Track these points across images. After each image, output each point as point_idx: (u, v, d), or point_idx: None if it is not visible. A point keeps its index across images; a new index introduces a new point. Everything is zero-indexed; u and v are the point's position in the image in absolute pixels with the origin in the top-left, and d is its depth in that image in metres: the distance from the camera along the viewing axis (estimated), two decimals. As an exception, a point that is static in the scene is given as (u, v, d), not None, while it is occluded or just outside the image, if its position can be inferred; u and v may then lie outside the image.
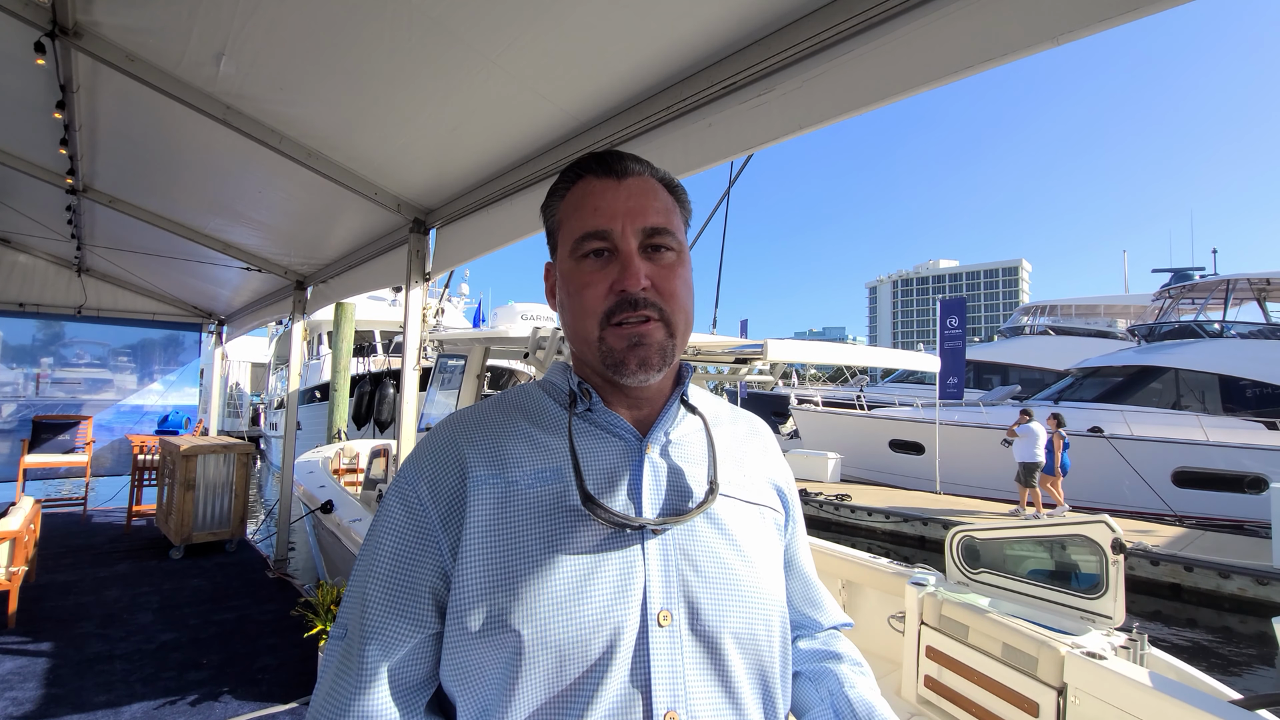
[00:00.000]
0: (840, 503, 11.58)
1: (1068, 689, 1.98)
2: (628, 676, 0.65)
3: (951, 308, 13.17)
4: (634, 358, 0.72)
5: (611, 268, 0.73)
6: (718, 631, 0.69)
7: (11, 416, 7.46)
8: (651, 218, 0.75)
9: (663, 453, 0.77)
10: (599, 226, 0.74)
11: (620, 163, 0.77)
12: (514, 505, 0.70)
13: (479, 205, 2.98)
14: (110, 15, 2.30)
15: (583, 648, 0.64)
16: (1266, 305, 15.28)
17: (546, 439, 0.76)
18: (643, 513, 0.71)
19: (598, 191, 0.76)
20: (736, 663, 0.70)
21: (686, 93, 1.88)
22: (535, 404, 0.81)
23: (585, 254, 0.75)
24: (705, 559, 0.71)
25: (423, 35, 1.96)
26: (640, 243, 0.74)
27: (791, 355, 4.05)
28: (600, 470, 0.74)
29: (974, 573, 2.62)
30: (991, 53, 1.19)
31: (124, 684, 3.32)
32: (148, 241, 5.33)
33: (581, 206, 0.76)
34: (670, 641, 0.67)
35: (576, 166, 0.80)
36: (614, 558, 0.68)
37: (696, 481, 0.76)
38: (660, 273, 0.74)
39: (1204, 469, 11.33)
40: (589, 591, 0.66)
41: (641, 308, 0.72)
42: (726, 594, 0.71)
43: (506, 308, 18.95)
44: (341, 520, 4.92)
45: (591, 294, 0.73)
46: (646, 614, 0.67)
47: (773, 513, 0.83)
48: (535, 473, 0.72)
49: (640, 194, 0.76)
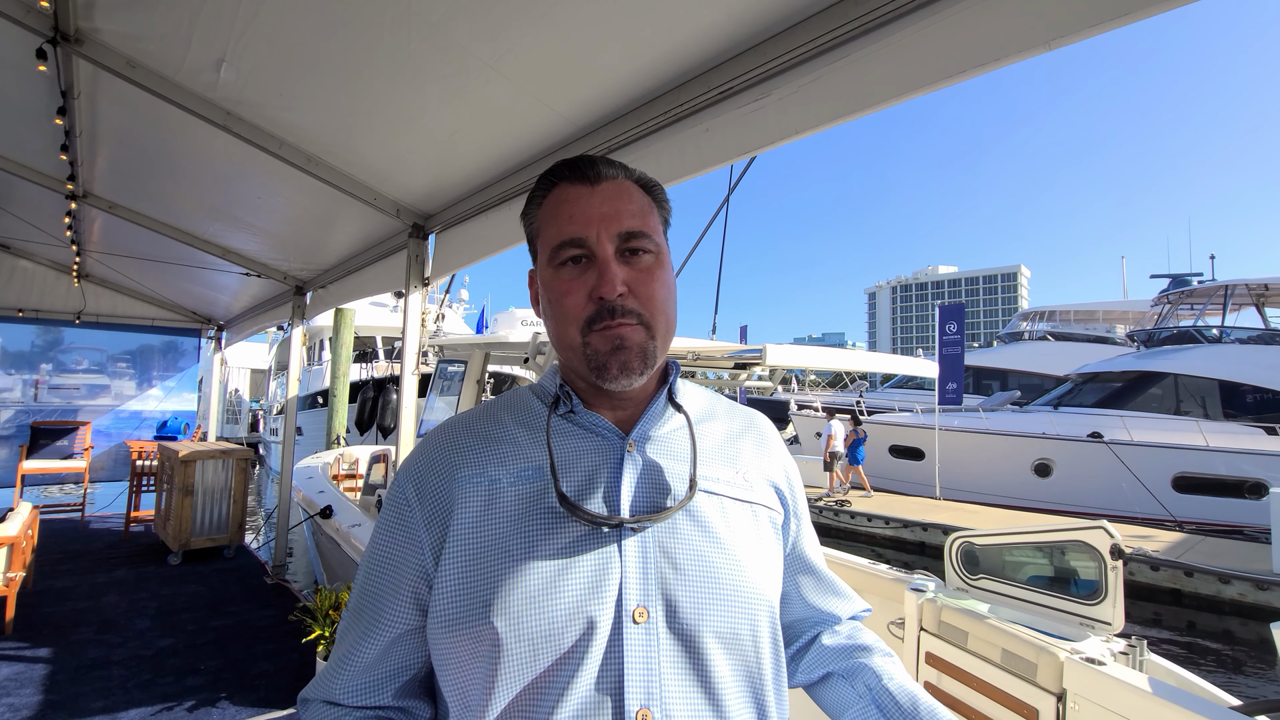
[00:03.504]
0: (840, 508, 11.58)
1: (1067, 695, 1.97)
2: (599, 672, 0.65)
3: (950, 313, 13.18)
4: (615, 362, 0.72)
5: (589, 274, 0.74)
6: (697, 630, 0.69)
7: (10, 422, 7.45)
8: (626, 221, 0.75)
9: (645, 451, 0.78)
10: (574, 234, 0.74)
11: (593, 168, 0.77)
12: (496, 504, 0.72)
13: (478, 210, 2.99)
14: (111, 22, 2.32)
15: (554, 641, 0.65)
16: (1265, 311, 15.31)
17: (529, 439, 0.77)
18: (621, 511, 0.72)
19: (572, 198, 0.76)
20: (719, 663, 0.69)
21: (684, 98, 1.89)
22: (523, 405, 0.82)
23: (563, 262, 0.75)
24: (686, 556, 0.71)
25: (421, 41, 1.97)
26: (617, 247, 0.74)
27: (790, 360, 4.05)
28: (580, 469, 0.74)
29: (973, 579, 2.61)
30: (984, 58, 1.21)
31: (121, 690, 3.31)
32: (147, 247, 5.35)
33: (557, 214, 0.77)
34: (646, 639, 0.67)
35: (550, 174, 0.80)
36: (588, 554, 0.69)
37: (679, 479, 0.76)
38: (638, 276, 0.74)
39: (1204, 474, 11.32)
40: (561, 587, 0.67)
41: (620, 314, 0.72)
42: (707, 592, 0.70)
43: (506, 313, 18.97)
44: (340, 526, 4.91)
45: (571, 302, 0.74)
46: (621, 610, 0.67)
47: (768, 511, 0.82)
48: (517, 471, 0.74)
49: (614, 198, 0.76)
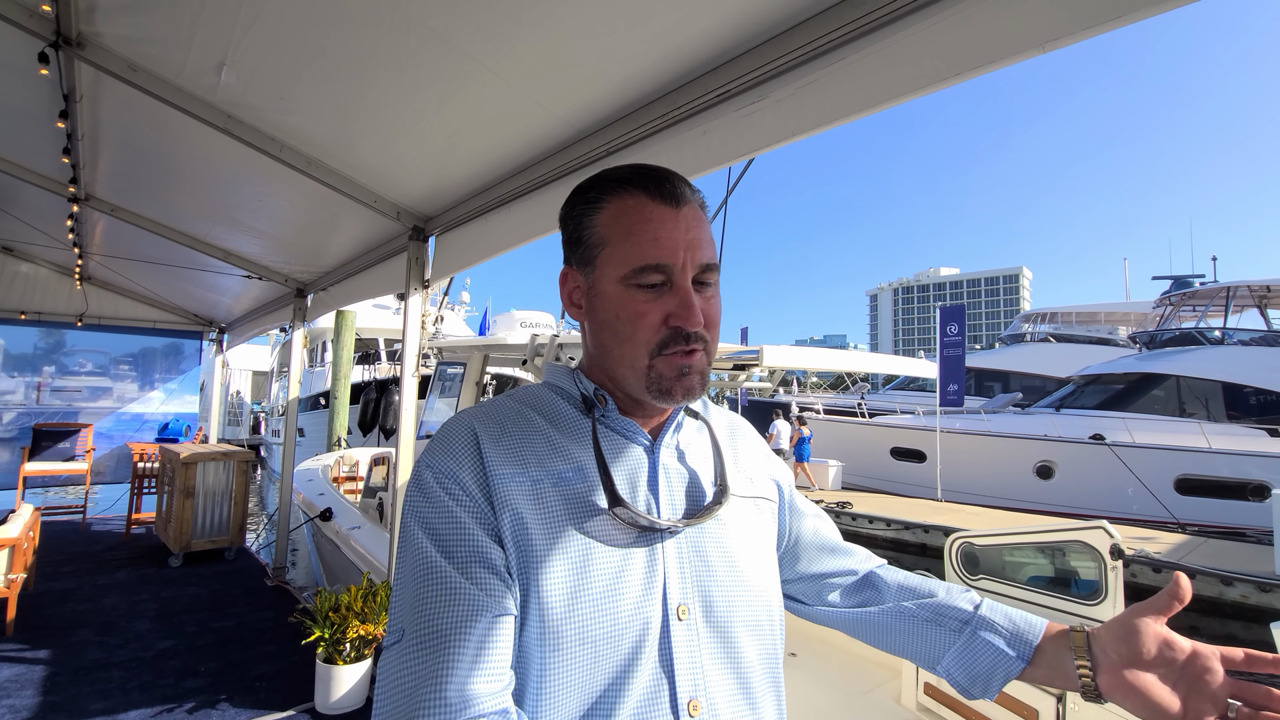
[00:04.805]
0: (841, 510, 11.56)
1: (1066, 695, 1.98)
2: (655, 668, 0.69)
3: (951, 314, 13.16)
4: (680, 387, 0.74)
5: (666, 299, 0.73)
6: (729, 622, 0.74)
7: (12, 424, 7.47)
8: (706, 253, 0.75)
9: (674, 456, 0.81)
10: (661, 260, 0.72)
11: (677, 188, 0.75)
12: (543, 504, 0.70)
13: (477, 212, 3.00)
14: (113, 26, 2.33)
15: (615, 643, 0.67)
16: (1267, 312, 15.28)
17: (565, 440, 0.76)
18: (660, 514, 0.75)
19: (657, 219, 0.73)
20: (748, 650, 0.74)
21: (681, 100, 1.90)
22: (550, 405, 0.81)
23: (642, 284, 0.73)
24: (715, 555, 0.76)
25: (421, 44, 1.98)
26: (693, 277, 0.74)
27: (787, 361, 4.06)
28: (620, 473, 0.76)
29: (973, 579, 2.61)
30: (979, 60, 1.21)
31: (121, 692, 3.31)
32: (149, 250, 5.36)
33: (638, 233, 0.73)
34: (689, 634, 0.71)
35: (623, 180, 0.76)
36: (639, 557, 0.71)
37: (705, 482, 0.80)
38: (707, 305, 0.75)
39: (1206, 476, 11.28)
40: (621, 590, 0.69)
41: (694, 341, 0.73)
42: (735, 587, 0.75)
43: (506, 315, 18.99)
44: (340, 528, 4.92)
45: (645, 324, 0.73)
46: (667, 609, 0.71)
47: (768, 503, 0.87)
48: (558, 473, 0.73)
49: (695, 225, 0.75)
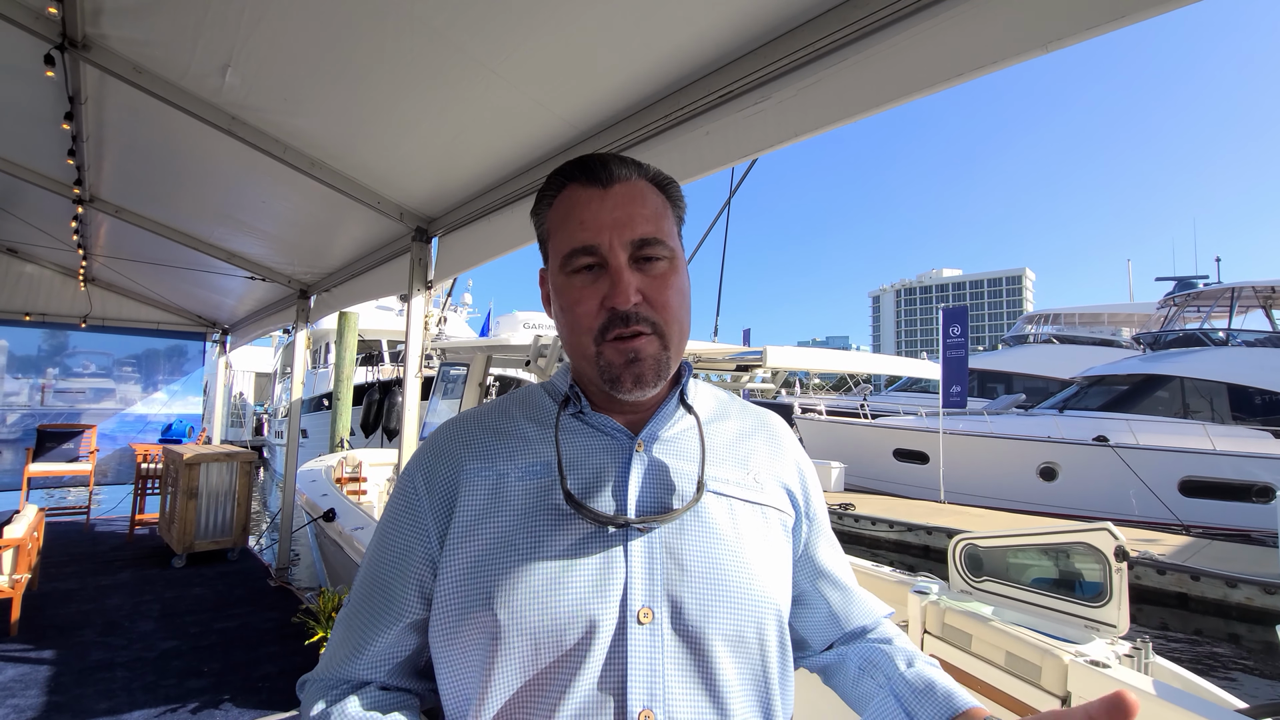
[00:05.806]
0: (844, 512, 11.53)
1: (1071, 698, 1.96)
2: (601, 672, 0.64)
3: (954, 316, 13.13)
4: (629, 375, 0.71)
5: (602, 282, 0.71)
6: (702, 632, 0.68)
7: (16, 425, 7.49)
8: (640, 227, 0.72)
9: (654, 451, 0.77)
10: (586, 242, 0.71)
11: (605, 168, 0.74)
12: (503, 498, 0.71)
13: (480, 214, 3.00)
14: (118, 28, 2.34)
15: (557, 638, 0.65)
16: (1272, 313, 15.21)
17: (539, 435, 0.76)
18: (628, 511, 0.71)
19: (583, 202, 0.73)
20: (725, 666, 0.68)
21: (684, 101, 1.90)
22: (534, 402, 0.82)
23: (575, 269, 0.73)
24: (693, 557, 0.70)
25: (424, 45, 1.98)
26: (630, 255, 0.72)
27: (790, 362, 4.05)
28: (587, 468, 0.74)
29: (977, 581, 2.60)
30: (982, 61, 1.21)
31: (125, 692, 3.32)
32: (153, 251, 5.38)
33: (568, 219, 0.74)
34: (650, 639, 0.66)
35: (560, 173, 0.77)
36: (594, 553, 0.68)
37: (687, 480, 0.75)
38: (652, 284, 0.72)
39: (1211, 478, 11.24)
40: (565, 584, 0.66)
41: (634, 323, 0.70)
42: (713, 593, 0.69)
43: (509, 316, 19.04)
44: (343, 529, 4.91)
45: (583, 310, 0.72)
46: (626, 611, 0.66)
47: (778, 513, 0.80)
48: (525, 467, 0.73)
49: (627, 202, 0.73)
